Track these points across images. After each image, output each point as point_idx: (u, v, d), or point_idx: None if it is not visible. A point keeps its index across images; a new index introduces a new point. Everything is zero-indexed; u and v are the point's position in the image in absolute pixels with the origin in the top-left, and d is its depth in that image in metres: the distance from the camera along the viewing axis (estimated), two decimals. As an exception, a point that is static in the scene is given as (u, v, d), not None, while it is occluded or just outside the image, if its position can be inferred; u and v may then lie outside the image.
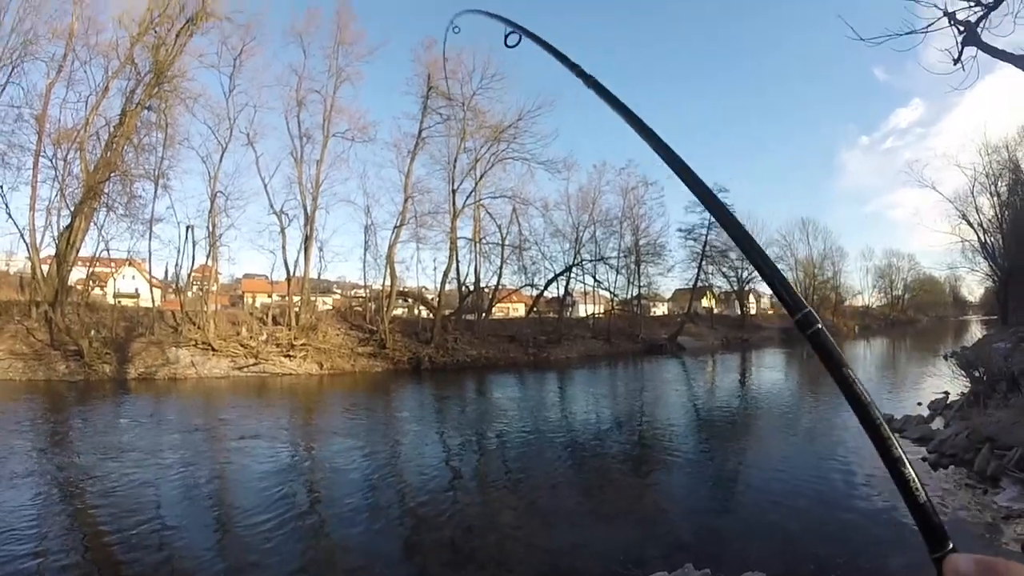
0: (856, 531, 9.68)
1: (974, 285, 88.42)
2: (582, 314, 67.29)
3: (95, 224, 36.94)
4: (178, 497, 12.38)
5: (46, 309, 32.23)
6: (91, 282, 40.94)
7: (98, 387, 28.35)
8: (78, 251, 35.87)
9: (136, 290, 52.04)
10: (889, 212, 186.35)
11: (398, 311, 54.87)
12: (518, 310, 71.43)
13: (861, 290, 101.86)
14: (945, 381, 23.80)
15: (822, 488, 12.30)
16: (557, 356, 50.54)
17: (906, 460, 1.19)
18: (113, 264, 45.46)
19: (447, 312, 51.00)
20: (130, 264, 47.57)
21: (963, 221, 53.66)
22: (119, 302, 42.78)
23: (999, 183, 52.54)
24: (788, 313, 1.39)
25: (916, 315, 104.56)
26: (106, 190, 36.53)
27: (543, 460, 16.51)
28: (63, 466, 14.51)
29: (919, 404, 19.79)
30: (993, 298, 61.95)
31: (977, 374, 18.58)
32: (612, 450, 17.66)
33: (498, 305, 62.84)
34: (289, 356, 38.51)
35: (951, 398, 19.07)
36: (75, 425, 19.65)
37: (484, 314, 54.71)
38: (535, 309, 60.83)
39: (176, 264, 42.75)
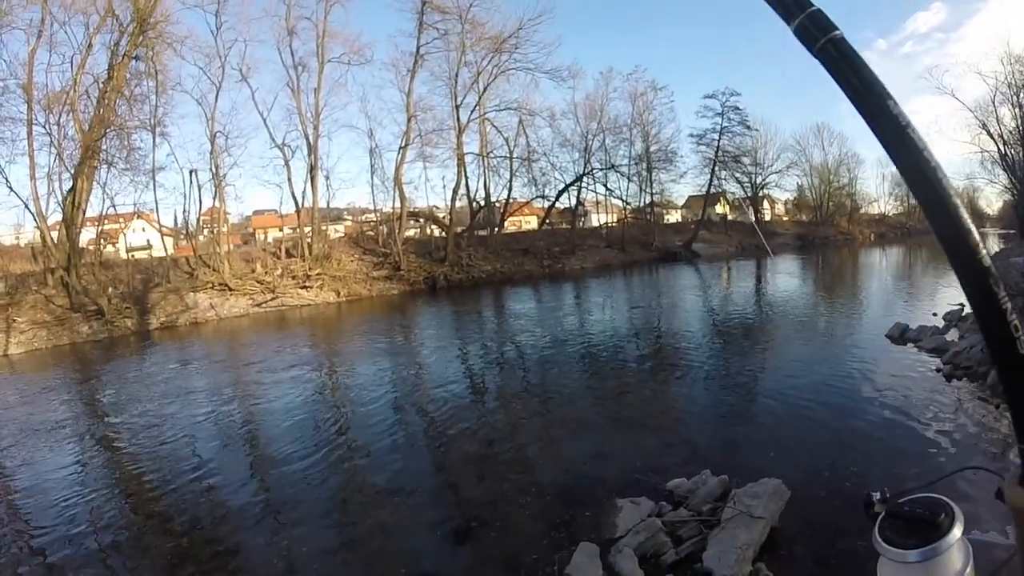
0: (871, 439, 9.69)
1: (992, 197, 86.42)
2: (595, 224, 67.01)
3: (97, 183, 36.61)
4: (218, 436, 12.74)
5: (61, 274, 32.24)
6: (102, 240, 40.60)
7: (123, 342, 28.65)
8: (84, 212, 35.52)
9: (148, 241, 52.46)
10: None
11: (410, 232, 55.10)
12: (531, 223, 71.12)
13: (877, 198, 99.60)
14: (960, 293, 23.35)
15: (838, 395, 12.32)
16: (572, 267, 50.70)
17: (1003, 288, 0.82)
18: (122, 219, 45.29)
19: (459, 229, 50.96)
20: (138, 216, 47.60)
21: (983, 131, 51.52)
22: (132, 256, 42.97)
23: (1021, 94, 50.52)
24: (783, 19, 0.87)
25: None
26: (104, 147, 36.05)
27: (562, 371, 16.76)
28: (106, 420, 14.89)
29: (934, 315, 19.45)
30: (1012, 212, 60.23)
31: None
32: (629, 359, 17.80)
33: (510, 219, 62.74)
34: (306, 287, 38.89)
35: (967, 310, 18.54)
36: (109, 381, 19.85)
37: (496, 229, 54.51)
38: (547, 221, 60.68)
39: (184, 210, 43.01)
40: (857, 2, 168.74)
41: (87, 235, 39.17)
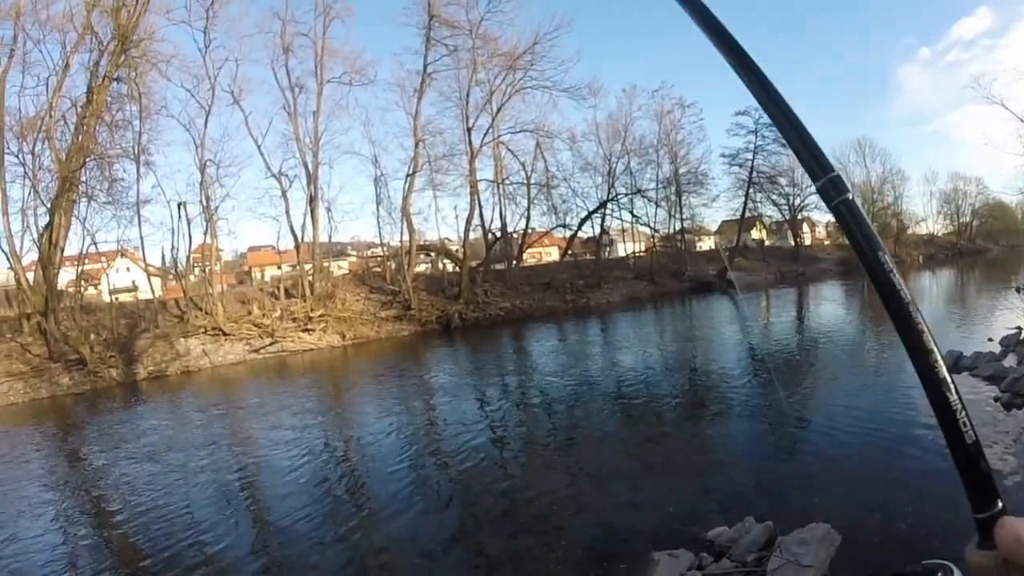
0: (925, 477, 9.63)
1: None
2: (621, 253, 67.20)
3: (77, 218, 36.40)
4: (215, 498, 12.78)
5: (38, 320, 32.04)
6: (83, 282, 40.89)
7: (107, 394, 28.73)
8: (63, 251, 35.43)
9: (133, 282, 52.70)
10: (953, 132, 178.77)
11: (421, 267, 55.28)
12: (551, 254, 71.44)
13: (924, 217, 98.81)
14: (1018, 315, 23.29)
15: (887, 431, 12.33)
16: (597, 301, 50.79)
17: (952, 383, 1.08)
18: (104, 258, 44.59)
19: (474, 263, 51.24)
20: (122, 255, 47.20)
21: None
22: (116, 299, 42.78)
23: (1076, 100, 50.68)
24: (810, 178, 1.25)
25: (985, 244, 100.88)
26: (83, 178, 35.78)
27: (591, 414, 16.87)
28: (90, 484, 15.01)
29: (990, 340, 19.34)
30: None
31: None
32: (663, 399, 17.85)
33: (529, 250, 62.90)
34: (307, 330, 39.15)
35: None
36: (90, 439, 20.10)
37: (515, 261, 54.74)
38: (570, 252, 60.97)
39: (172, 247, 42.70)
40: (898, 8, 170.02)
41: (66, 276, 39.19)
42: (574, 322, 40.82)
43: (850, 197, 1.19)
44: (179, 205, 41.65)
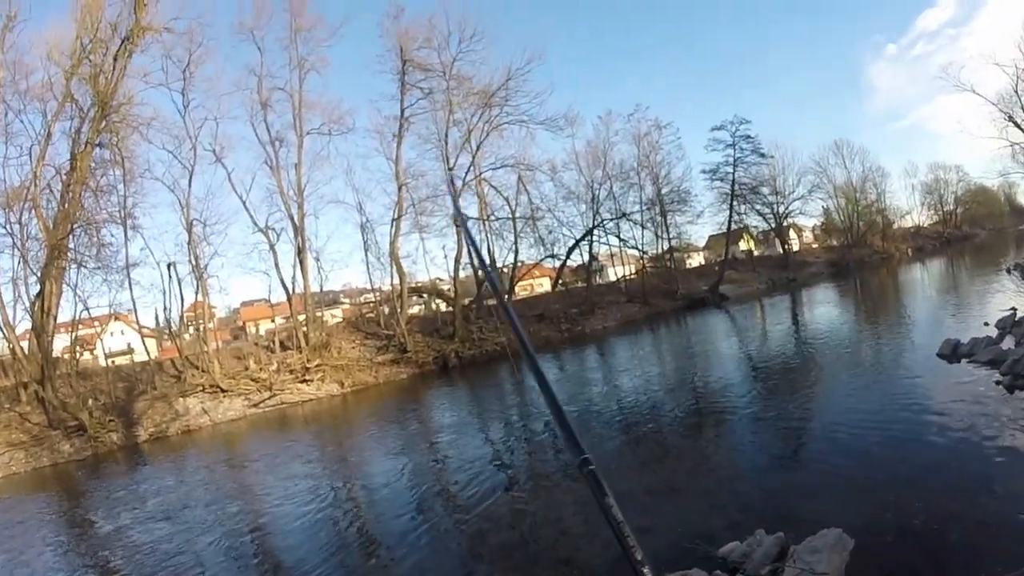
0: (934, 470, 9.67)
1: None
2: (613, 277, 67.56)
3: (67, 285, 36.39)
4: (226, 556, 12.64)
5: (35, 388, 31.87)
6: (78, 348, 40.63)
7: (109, 459, 28.54)
8: (55, 318, 35.51)
9: (129, 345, 52.49)
10: (928, 124, 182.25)
11: (414, 309, 55.47)
12: (543, 285, 71.55)
13: (909, 210, 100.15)
14: (1011, 296, 23.86)
15: (892, 428, 12.28)
16: (592, 327, 50.84)
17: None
18: (97, 323, 44.79)
19: (466, 301, 51.17)
20: (116, 319, 47.48)
21: (1010, 123, 52.73)
22: (112, 362, 42.77)
23: (1045, 79, 51.47)
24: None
25: (972, 230, 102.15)
26: (71, 245, 35.95)
27: (593, 441, 16.57)
28: (97, 549, 14.94)
29: (985, 324, 19.40)
30: None
31: None
32: (665, 418, 17.79)
33: (521, 283, 63.12)
34: (305, 381, 38.92)
35: (1019, 314, 18.73)
36: (96, 505, 19.90)
37: (506, 296, 54.10)
38: (560, 281, 60.88)
39: (165, 308, 42.88)
40: (863, 7, 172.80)
41: (61, 343, 39.01)
42: (571, 351, 40.73)
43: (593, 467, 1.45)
44: (168, 266, 41.83)
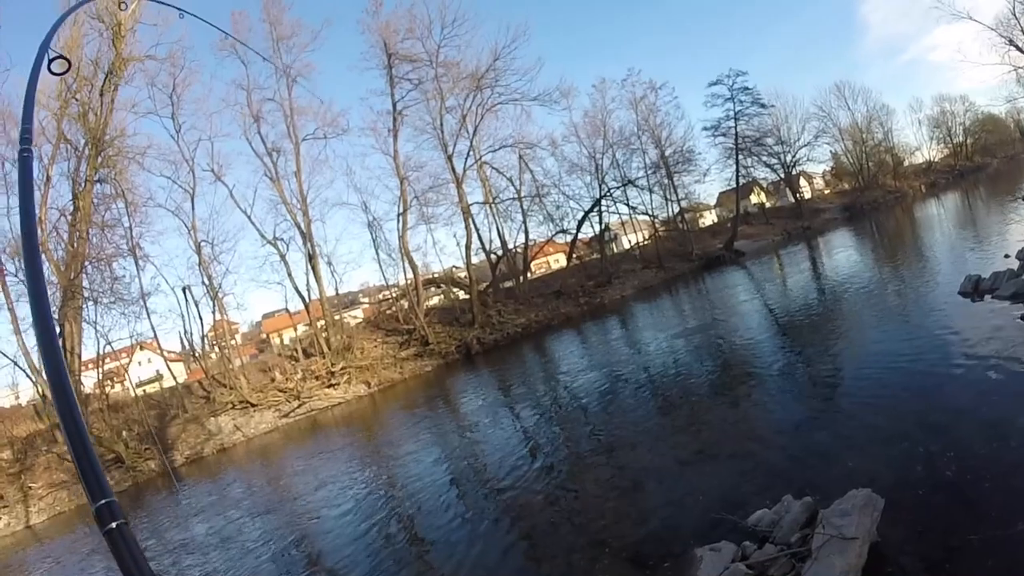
0: (963, 415, 9.34)
1: None
2: (626, 246, 66.86)
3: (87, 322, 36.51)
4: (278, 563, 12.93)
5: None
6: (106, 382, 41.03)
7: (149, 487, 28.89)
8: (80, 356, 35.69)
9: (157, 372, 52.83)
10: (929, 56, 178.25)
11: (433, 301, 55.43)
12: (559, 261, 71.08)
13: (919, 146, 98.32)
14: None
15: (918, 374, 11.99)
16: (611, 298, 50.51)
17: None
18: (124, 354, 45.42)
19: (482, 286, 51.02)
20: (141, 348, 47.97)
21: (1011, 47, 51.38)
22: (145, 391, 43.11)
23: (1043, -2, 50.05)
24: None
25: (984, 159, 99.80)
26: (84, 283, 36.18)
27: (622, 413, 16.72)
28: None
29: (1006, 256, 18.91)
30: None
31: None
32: (689, 384, 17.56)
33: (535, 262, 62.73)
34: (332, 385, 39.10)
35: None
36: (143, 533, 19.60)
37: (522, 276, 54.37)
38: (574, 255, 60.37)
39: (186, 331, 43.17)
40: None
41: (90, 380, 39.33)
42: (592, 323, 40.52)
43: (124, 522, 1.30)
44: (184, 290, 42.26)
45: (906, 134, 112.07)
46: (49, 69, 3.15)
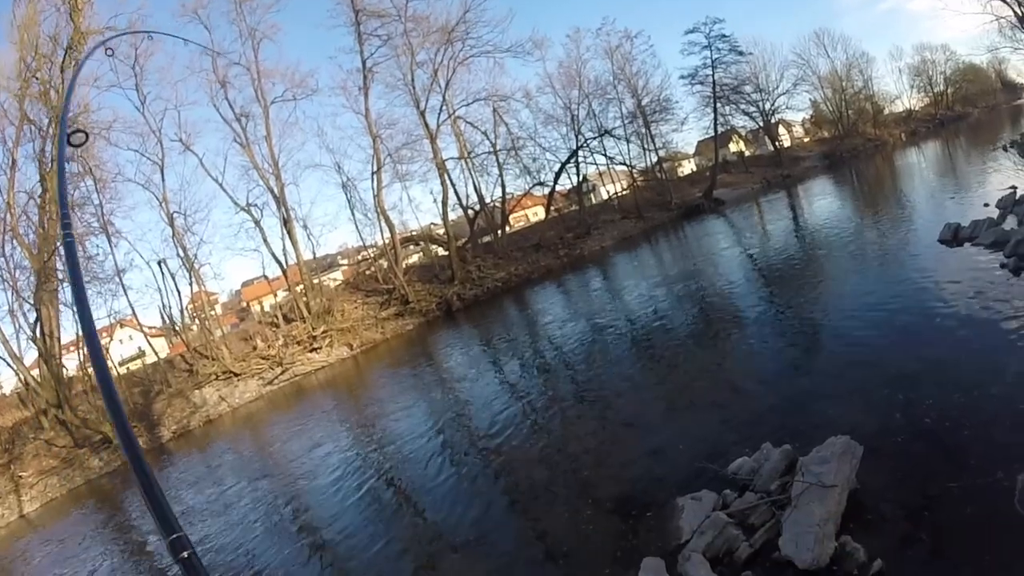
0: (943, 363, 9.40)
1: (1021, 65, 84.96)
2: (605, 196, 66.55)
3: (64, 305, 35.61)
4: (270, 531, 12.97)
5: (55, 413, 31.86)
6: (88, 363, 40.48)
7: (139, 465, 28.51)
8: (59, 340, 35.16)
9: (139, 348, 52.05)
10: (908, 5, 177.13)
11: (412, 259, 55.21)
12: (537, 214, 70.71)
13: (899, 94, 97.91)
14: (1009, 175, 23.21)
15: (898, 321, 12.04)
16: (591, 249, 50.37)
17: None
18: (105, 333, 44.69)
19: (461, 242, 50.71)
20: (121, 326, 47.22)
21: None
22: (128, 368, 42.71)
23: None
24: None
25: (964, 109, 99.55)
26: (58, 265, 35.02)
27: (604, 364, 16.89)
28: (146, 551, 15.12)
29: (986, 205, 19.01)
30: None
31: None
32: (671, 334, 17.64)
33: (514, 215, 62.48)
34: (314, 349, 38.87)
35: (1020, 192, 18.23)
36: (135, 514, 19.90)
37: (500, 231, 54.03)
38: (552, 207, 60.17)
39: (165, 305, 42.63)
40: None
41: (72, 363, 38.39)
42: (572, 275, 40.47)
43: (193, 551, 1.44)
44: (159, 263, 41.33)
45: (886, 82, 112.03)
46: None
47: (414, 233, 56.35)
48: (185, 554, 1.36)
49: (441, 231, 54.04)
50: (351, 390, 28.27)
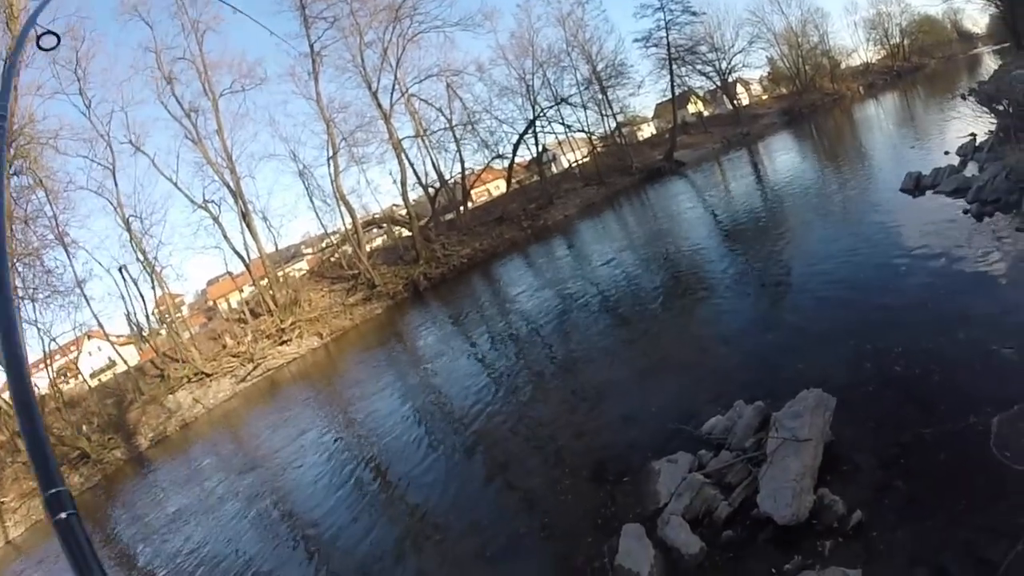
0: (911, 310, 9.46)
1: (976, 15, 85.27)
2: (566, 165, 66.11)
3: (26, 322, 34.42)
4: (254, 528, 12.94)
5: None
6: (59, 379, 38.72)
7: (119, 477, 28.09)
8: (26, 359, 33.87)
9: (109, 359, 51.12)
10: None
11: (376, 243, 54.69)
12: (499, 187, 70.32)
13: (855, 48, 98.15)
14: (968, 122, 23.29)
15: (864, 272, 12.12)
16: (554, 219, 50.21)
17: None
18: (73, 347, 43.55)
19: (423, 221, 50.34)
20: (88, 338, 46.26)
21: None
22: (100, 380, 41.82)
23: None
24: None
25: (921, 60, 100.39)
26: (17, 283, 32.96)
27: (575, 331, 16.93)
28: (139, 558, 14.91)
29: (946, 153, 19.13)
30: (1000, 24, 59.33)
31: (1001, 107, 18.18)
32: (641, 296, 17.74)
33: (475, 191, 62.13)
34: (284, 342, 38.48)
35: (979, 139, 18.36)
36: (121, 525, 19.63)
37: (462, 207, 53.82)
38: (513, 180, 59.92)
39: (130, 312, 41.84)
40: None
41: (43, 380, 37.08)
42: (537, 246, 40.48)
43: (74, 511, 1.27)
44: (120, 270, 40.20)
45: (842, 37, 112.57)
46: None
47: (376, 216, 55.64)
48: (63, 515, 1.18)
49: (403, 212, 53.30)
50: (324, 379, 28.05)
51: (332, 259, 49.94)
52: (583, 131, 62.91)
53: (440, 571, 8.25)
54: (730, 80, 78.09)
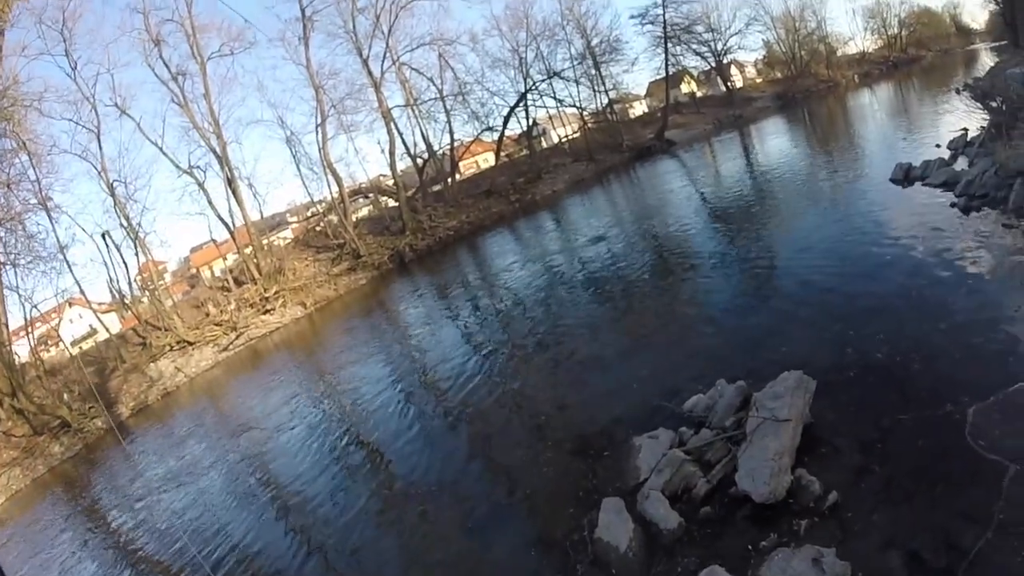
0: (895, 298, 9.59)
1: (976, 10, 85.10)
2: (556, 140, 65.88)
3: (8, 288, 33.67)
4: (234, 495, 13.11)
5: (9, 402, 30.32)
6: (40, 347, 38.56)
7: (100, 446, 27.72)
8: (7, 326, 32.89)
9: (91, 327, 50.70)
10: None
11: (361, 212, 54.41)
12: (488, 160, 69.95)
13: (852, 35, 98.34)
14: (961, 117, 23.48)
15: (850, 258, 12.24)
16: (542, 193, 50.07)
17: None
18: (55, 314, 42.94)
19: (410, 192, 49.96)
20: (70, 305, 45.76)
21: None
22: (81, 347, 41.55)
23: None
24: None
25: (918, 52, 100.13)
26: None
27: (560, 307, 17.07)
28: (118, 529, 14.86)
29: (937, 146, 19.33)
30: (999, 21, 59.28)
31: (995, 104, 18.43)
32: (627, 274, 17.78)
33: (464, 163, 61.74)
34: (268, 311, 38.24)
35: (971, 134, 18.47)
36: (103, 495, 19.37)
37: (450, 178, 53.33)
38: (502, 153, 59.49)
39: (112, 278, 41.52)
40: None
41: (23, 348, 36.61)
42: (524, 220, 40.40)
43: None
44: (103, 235, 39.69)
45: (840, 23, 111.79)
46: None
47: (363, 185, 55.37)
48: None
49: (390, 182, 53.09)
50: (307, 349, 28.03)
51: (317, 228, 49.65)
52: (574, 106, 62.37)
53: (422, 541, 8.32)
54: (725, 61, 77.81)
